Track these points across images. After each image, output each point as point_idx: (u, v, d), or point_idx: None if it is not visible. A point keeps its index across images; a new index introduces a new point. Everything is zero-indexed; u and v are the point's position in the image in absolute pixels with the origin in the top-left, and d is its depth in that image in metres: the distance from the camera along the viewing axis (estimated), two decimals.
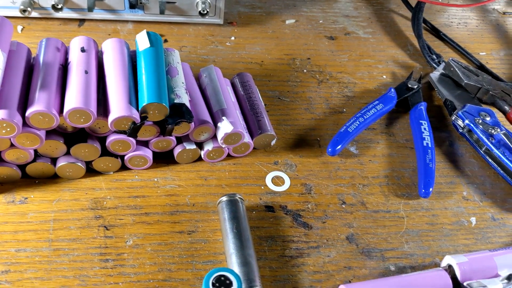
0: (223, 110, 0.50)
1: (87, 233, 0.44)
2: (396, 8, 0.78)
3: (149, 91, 0.45)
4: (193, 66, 0.57)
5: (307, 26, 0.72)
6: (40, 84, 0.44)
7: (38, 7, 0.63)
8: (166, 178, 0.50)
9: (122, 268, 0.42)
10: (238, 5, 0.74)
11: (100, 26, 0.66)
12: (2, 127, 0.41)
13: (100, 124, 0.45)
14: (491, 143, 0.54)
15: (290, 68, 0.65)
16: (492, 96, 0.61)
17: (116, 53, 0.48)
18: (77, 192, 0.47)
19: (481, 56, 0.71)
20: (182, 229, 0.46)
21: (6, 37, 0.45)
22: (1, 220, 0.44)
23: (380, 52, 0.69)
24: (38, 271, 0.41)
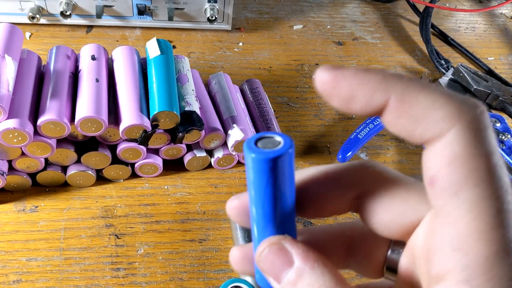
0: (233, 117, 0.50)
1: (98, 241, 0.44)
2: (404, 13, 0.78)
3: (160, 99, 0.44)
4: (202, 72, 0.57)
5: (314, 31, 0.72)
6: (51, 93, 0.44)
7: (46, 13, 0.63)
8: (176, 186, 0.50)
9: (134, 277, 0.42)
10: (245, 10, 0.74)
11: (108, 32, 0.66)
12: (13, 136, 0.41)
13: (111, 133, 0.45)
14: (501, 149, 0.54)
15: (298, 74, 0.64)
16: (501, 101, 0.61)
17: (127, 61, 0.48)
18: (87, 200, 0.47)
19: (489, 61, 0.71)
20: (193, 238, 0.46)
21: (16, 46, 0.45)
22: (12, 229, 0.44)
23: (388, 57, 0.69)
24: (50, 281, 0.41)
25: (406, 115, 0.18)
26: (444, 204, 0.18)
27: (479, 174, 0.17)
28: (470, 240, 0.17)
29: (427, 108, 0.17)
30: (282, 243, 0.20)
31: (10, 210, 0.46)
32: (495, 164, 0.17)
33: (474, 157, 0.17)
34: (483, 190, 0.17)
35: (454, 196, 0.17)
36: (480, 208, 0.17)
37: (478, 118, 0.17)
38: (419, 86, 0.18)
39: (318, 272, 0.19)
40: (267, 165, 0.19)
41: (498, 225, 0.17)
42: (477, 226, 0.17)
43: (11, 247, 0.43)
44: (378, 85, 0.18)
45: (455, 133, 0.17)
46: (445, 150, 0.17)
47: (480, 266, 0.17)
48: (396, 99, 0.18)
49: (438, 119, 0.17)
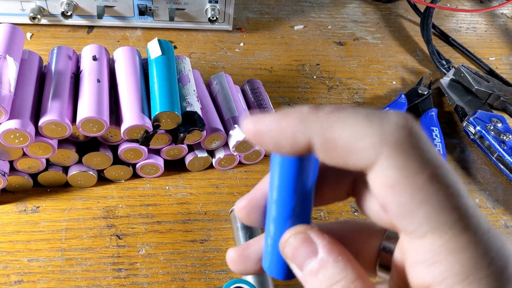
0: (235, 118, 0.50)
1: (100, 242, 0.44)
2: (405, 13, 0.78)
3: (162, 99, 0.44)
4: (203, 73, 0.57)
5: (315, 31, 0.72)
6: (53, 93, 0.44)
7: (47, 14, 0.63)
8: (177, 186, 0.50)
9: (135, 278, 0.42)
10: (246, 11, 0.74)
11: (109, 32, 0.66)
12: (15, 136, 0.41)
13: (113, 133, 0.45)
14: (503, 149, 0.54)
15: (299, 74, 0.64)
16: (503, 102, 0.61)
17: (128, 62, 0.48)
18: (89, 201, 0.47)
19: (490, 61, 0.71)
20: (195, 238, 0.46)
21: (18, 46, 0.45)
22: (13, 230, 0.44)
23: (389, 57, 0.69)
24: (51, 281, 0.41)
25: (332, 151, 0.18)
26: (404, 226, 0.18)
27: (424, 191, 0.17)
28: (441, 253, 0.17)
29: (350, 141, 0.18)
30: (308, 232, 0.21)
31: (11, 210, 0.46)
32: (437, 174, 0.17)
33: (411, 177, 0.17)
34: (434, 204, 0.17)
35: (410, 217, 0.18)
36: (438, 221, 0.17)
37: (403, 138, 0.17)
38: (337, 119, 0.18)
39: (341, 265, 0.20)
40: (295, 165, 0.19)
41: (462, 231, 0.17)
42: (443, 238, 0.17)
43: (12, 248, 0.43)
44: (296, 128, 0.18)
45: (384, 161, 0.17)
46: (383, 178, 0.17)
47: (457, 275, 0.17)
48: (318, 140, 0.18)
49: (364, 150, 0.17)
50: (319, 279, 0.20)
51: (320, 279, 0.20)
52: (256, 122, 0.19)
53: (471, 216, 0.17)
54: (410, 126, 0.18)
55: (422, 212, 0.17)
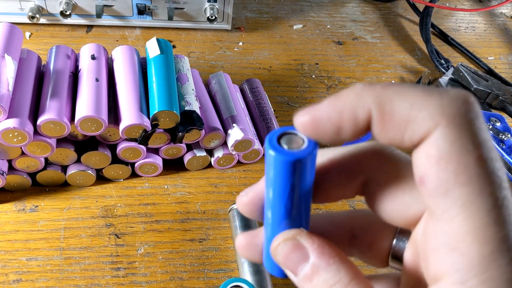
0: (233, 117, 0.50)
1: (98, 241, 0.44)
2: (404, 12, 0.78)
3: (160, 98, 0.44)
4: (202, 72, 0.57)
5: (314, 31, 0.72)
6: (51, 92, 0.44)
7: (46, 13, 0.63)
8: (176, 185, 0.50)
9: (134, 277, 0.42)
10: (245, 10, 0.74)
11: (108, 32, 0.66)
12: (13, 135, 0.41)
13: (111, 132, 0.45)
14: (501, 148, 0.54)
15: (298, 73, 0.64)
16: (502, 101, 0.61)
17: (127, 61, 0.48)
18: (87, 200, 0.47)
19: (489, 61, 0.71)
20: (193, 237, 0.46)
21: (16, 45, 0.45)
22: (12, 229, 0.44)
23: (388, 57, 0.69)
24: (50, 280, 0.41)
25: (390, 123, 0.18)
26: (435, 204, 0.17)
27: (468, 170, 0.17)
28: (465, 240, 0.17)
29: (408, 111, 0.17)
30: (297, 238, 0.20)
31: (10, 209, 0.46)
32: (486, 158, 0.17)
33: (461, 154, 0.17)
34: (474, 187, 0.17)
35: (445, 195, 0.17)
36: (472, 206, 0.17)
37: (462, 112, 0.17)
38: (394, 91, 0.18)
39: (333, 268, 0.19)
40: (289, 166, 0.18)
41: (492, 223, 0.17)
42: (471, 225, 0.17)
43: (11, 247, 0.43)
44: (355, 104, 0.18)
45: (440, 131, 0.17)
46: (431, 149, 0.17)
47: (475, 267, 0.16)
48: (377, 111, 0.18)
49: (422, 120, 0.17)
50: (313, 284, 0.20)
51: (315, 284, 0.20)
52: (311, 111, 0.18)
53: (505, 208, 0.17)
54: (471, 101, 0.17)
55: (459, 192, 0.17)
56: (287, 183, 0.19)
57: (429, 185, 0.17)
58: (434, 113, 0.17)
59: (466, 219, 0.17)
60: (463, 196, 0.17)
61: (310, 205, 0.21)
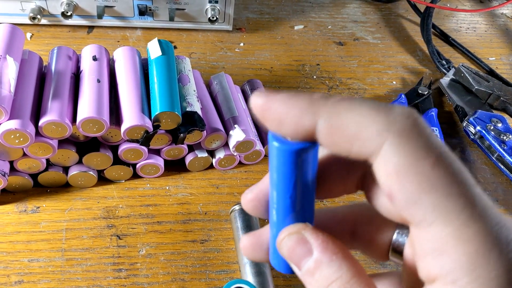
0: (235, 118, 0.50)
1: (100, 242, 0.44)
2: (405, 13, 0.78)
3: (162, 99, 0.44)
4: (203, 73, 0.57)
5: (315, 31, 0.72)
6: (53, 93, 0.44)
7: (47, 14, 0.63)
8: (177, 186, 0.49)
9: (136, 278, 0.42)
10: (246, 11, 0.74)
11: (109, 32, 0.66)
12: (15, 137, 0.41)
13: (113, 133, 0.45)
14: (503, 149, 0.54)
15: (299, 74, 0.64)
16: (503, 102, 0.61)
17: (128, 62, 0.48)
18: (89, 201, 0.47)
19: (490, 61, 0.71)
20: (195, 238, 0.46)
21: (18, 46, 0.45)
22: (13, 230, 0.44)
23: (389, 57, 0.69)
24: (52, 281, 0.41)
25: (338, 137, 0.18)
26: (411, 215, 0.18)
27: (429, 177, 0.17)
28: (449, 243, 0.17)
29: (356, 128, 0.18)
30: (302, 232, 0.21)
31: (11, 210, 0.46)
32: (443, 161, 0.17)
33: (417, 164, 0.17)
34: (440, 192, 0.17)
35: (415, 205, 0.17)
36: (445, 210, 0.17)
37: (408, 126, 0.17)
38: (345, 107, 0.18)
39: (336, 264, 0.20)
40: (293, 156, 0.19)
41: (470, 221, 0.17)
42: (450, 227, 0.17)
43: (12, 248, 0.43)
44: (304, 109, 0.18)
45: (389, 146, 0.17)
46: (387, 165, 0.17)
47: (464, 266, 0.17)
48: (325, 123, 0.18)
49: (370, 137, 0.17)
50: (315, 279, 0.20)
51: (317, 279, 0.20)
52: (266, 97, 0.19)
53: (478, 204, 0.17)
54: (415, 117, 0.18)
55: (428, 199, 0.17)
56: (291, 174, 0.19)
57: (397, 200, 0.18)
58: (381, 130, 0.17)
59: (443, 223, 0.17)
60: (433, 203, 0.17)
61: (314, 200, 0.21)
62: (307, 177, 0.20)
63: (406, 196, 0.17)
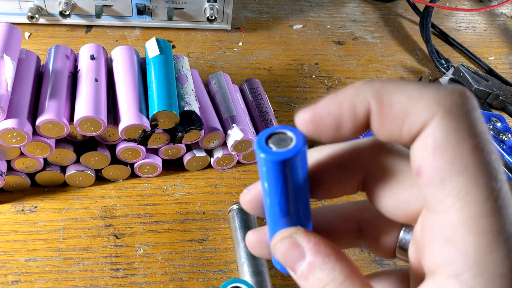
0: (233, 117, 0.50)
1: (97, 242, 0.44)
2: (404, 12, 0.78)
3: (159, 99, 0.44)
4: (201, 72, 0.57)
5: (314, 31, 0.72)
6: (50, 93, 0.43)
7: (45, 13, 0.63)
8: (175, 186, 0.49)
9: (133, 278, 0.42)
10: (245, 10, 0.74)
11: (107, 32, 0.66)
12: (12, 136, 0.41)
13: (110, 132, 0.45)
14: (502, 149, 0.53)
15: (298, 73, 0.64)
16: (502, 101, 0.61)
17: (126, 61, 0.48)
18: (86, 201, 0.47)
19: (490, 61, 0.71)
20: (193, 238, 0.45)
21: (15, 46, 0.45)
22: (11, 229, 0.44)
23: (388, 57, 0.69)
24: (49, 281, 0.41)
25: (388, 116, 0.18)
26: (432, 194, 0.17)
27: (463, 160, 0.17)
28: (459, 231, 0.16)
29: (406, 104, 0.17)
30: (293, 236, 0.21)
31: (9, 210, 0.46)
32: (482, 148, 0.17)
33: (457, 143, 0.17)
34: (469, 177, 0.17)
35: (441, 185, 0.17)
36: (467, 196, 0.17)
37: (458, 103, 0.17)
38: (393, 85, 0.18)
39: (329, 267, 0.20)
40: (278, 166, 0.18)
41: (488, 213, 0.16)
42: (465, 215, 0.16)
43: (10, 248, 0.43)
44: (354, 99, 0.18)
45: (436, 122, 0.17)
46: (428, 139, 0.17)
47: (469, 259, 0.16)
48: (376, 104, 0.18)
49: (419, 112, 0.17)
50: (310, 282, 0.20)
51: (311, 282, 0.20)
52: (311, 109, 0.19)
53: (501, 199, 0.17)
54: (467, 95, 0.17)
55: (455, 181, 0.17)
56: (278, 182, 0.19)
57: (425, 175, 0.17)
58: (431, 104, 0.17)
59: (461, 209, 0.17)
60: (459, 185, 0.17)
61: (308, 201, 0.21)
62: (296, 182, 0.19)
63: (435, 173, 0.17)
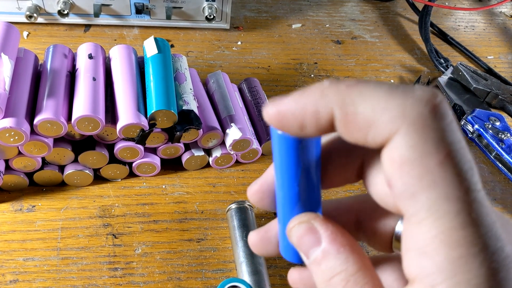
0: (232, 116, 0.50)
1: (96, 241, 0.44)
2: (403, 11, 0.78)
3: (158, 98, 0.44)
4: (200, 71, 0.57)
5: (313, 30, 0.72)
6: (48, 92, 0.43)
7: (44, 13, 0.63)
8: (174, 185, 0.49)
9: (131, 277, 0.42)
10: (244, 9, 0.74)
11: (106, 31, 0.66)
12: (10, 135, 0.40)
13: (109, 132, 0.45)
14: (501, 148, 0.53)
15: (297, 72, 0.64)
16: (501, 100, 0.61)
17: (124, 60, 0.48)
18: (85, 200, 0.47)
19: (489, 60, 0.71)
20: (191, 237, 0.45)
21: (13, 44, 0.45)
22: (9, 229, 0.44)
23: (387, 56, 0.69)
24: (47, 280, 0.41)
25: (353, 125, 0.18)
26: (404, 207, 0.18)
27: (431, 175, 0.17)
28: (433, 244, 0.17)
29: (371, 114, 0.17)
30: (312, 222, 0.21)
31: (7, 209, 0.45)
32: (452, 159, 0.17)
33: (424, 158, 0.17)
34: (440, 191, 0.17)
35: (412, 199, 0.17)
36: (439, 211, 0.17)
37: (425, 113, 0.17)
38: (358, 92, 0.17)
39: (342, 257, 0.20)
40: (296, 144, 0.19)
41: (460, 226, 0.16)
42: (438, 229, 0.17)
43: (8, 247, 0.43)
44: (318, 103, 0.18)
45: (401, 136, 0.17)
46: (394, 154, 0.17)
47: (443, 271, 0.16)
48: (340, 112, 0.18)
49: (384, 124, 0.17)
50: (321, 269, 0.20)
51: (322, 269, 0.20)
52: (277, 104, 0.19)
53: (475, 211, 0.17)
54: (436, 102, 0.17)
55: (425, 196, 0.17)
56: (297, 162, 0.19)
57: (396, 189, 0.17)
58: (396, 116, 0.17)
59: (433, 223, 0.17)
60: (429, 201, 0.17)
61: (320, 189, 0.21)
62: (311, 164, 0.20)
63: (405, 188, 0.17)
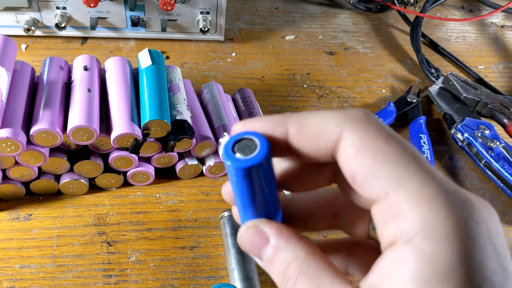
0: (225, 126, 0.51)
1: (91, 249, 0.45)
2: (395, 22, 0.79)
3: (151, 108, 0.45)
4: (195, 82, 0.58)
5: (306, 41, 0.73)
6: (44, 103, 0.44)
7: (41, 26, 0.64)
8: (168, 194, 0.50)
9: (125, 284, 0.43)
10: (238, 21, 0.75)
11: (102, 43, 0.67)
12: (6, 145, 0.41)
13: (103, 141, 0.46)
14: (490, 156, 0.54)
15: (290, 83, 0.65)
16: (491, 109, 0.62)
17: (119, 71, 0.49)
18: (80, 209, 0.48)
19: (479, 70, 0.72)
20: (184, 245, 0.46)
21: (10, 57, 0.46)
22: (5, 237, 0.45)
23: (379, 66, 0.70)
24: (43, 287, 0.42)
25: (306, 135, 0.21)
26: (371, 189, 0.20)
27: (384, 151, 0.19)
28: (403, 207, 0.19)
29: (320, 124, 0.21)
30: (257, 225, 0.23)
31: (4, 218, 0.46)
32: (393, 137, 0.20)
33: (372, 141, 0.20)
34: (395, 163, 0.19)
35: (373, 179, 0.19)
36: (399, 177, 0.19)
37: (361, 116, 0.21)
38: (310, 113, 0.22)
39: (291, 246, 0.22)
40: (242, 173, 0.20)
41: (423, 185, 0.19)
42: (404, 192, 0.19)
43: (4, 255, 0.44)
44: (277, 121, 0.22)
45: (347, 132, 0.20)
46: (347, 148, 0.20)
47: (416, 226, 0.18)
48: (294, 127, 0.21)
49: (331, 128, 0.20)
50: (275, 265, 0.22)
51: (276, 264, 0.22)
52: (245, 123, 0.22)
53: (429, 171, 0.19)
54: (367, 112, 0.21)
55: (383, 170, 0.19)
56: (243, 185, 0.21)
57: (359, 177, 0.20)
58: (340, 120, 0.21)
59: (398, 189, 0.19)
60: (388, 172, 0.19)
61: (275, 196, 0.23)
62: (261, 183, 0.21)
63: (364, 172, 0.20)
